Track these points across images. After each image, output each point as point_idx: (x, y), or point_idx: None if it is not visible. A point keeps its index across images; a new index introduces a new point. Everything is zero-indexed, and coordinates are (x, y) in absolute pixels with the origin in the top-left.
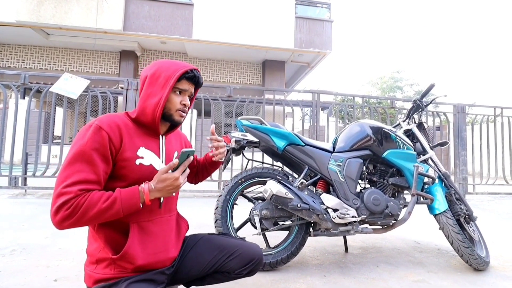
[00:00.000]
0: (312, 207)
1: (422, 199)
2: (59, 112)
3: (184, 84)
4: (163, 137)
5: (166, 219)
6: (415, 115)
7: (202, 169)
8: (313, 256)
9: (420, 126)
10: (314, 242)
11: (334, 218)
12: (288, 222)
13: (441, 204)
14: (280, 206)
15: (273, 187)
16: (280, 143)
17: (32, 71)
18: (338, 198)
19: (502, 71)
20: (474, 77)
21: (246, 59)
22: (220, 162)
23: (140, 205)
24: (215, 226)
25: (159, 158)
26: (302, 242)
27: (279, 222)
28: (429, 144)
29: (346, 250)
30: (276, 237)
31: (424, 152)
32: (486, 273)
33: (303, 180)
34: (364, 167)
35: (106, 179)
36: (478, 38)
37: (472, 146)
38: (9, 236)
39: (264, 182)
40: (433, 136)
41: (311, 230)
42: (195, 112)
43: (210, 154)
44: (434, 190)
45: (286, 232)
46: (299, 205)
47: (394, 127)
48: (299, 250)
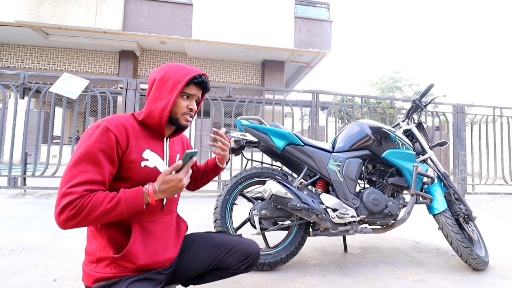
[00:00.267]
0: (311, 207)
1: (421, 199)
2: (59, 112)
3: (192, 89)
4: (167, 140)
5: (167, 220)
6: (415, 115)
7: (202, 174)
8: (312, 256)
9: (419, 126)
10: (313, 242)
11: (333, 218)
12: (287, 222)
13: (440, 204)
14: (279, 206)
15: (272, 187)
16: (279, 143)
17: (31, 71)
18: (338, 198)
19: (501, 71)
20: (473, 77)
21: (245, 59)
22: (221, 168)
23: (144, 206)
24: (215, 226)
25: (163, 160)
26: (302, 242)
27: (279, 222)
28: (428, 144)
29: (346, 250)
30: (275, 237)
31: (423, 152)
32: (485, 273)
33: (303, 180)
34: (363, 167)
35: (111, 180)
36: (477, 38)
37: (471, 146)
38: (8, 236)
39: (263, 182)
40: (432, 136)
41: (311, 230)
42: None
43: (213, 151)
44: (433, 190)
45: (286, 232)
46: (299, 205)
47: (394, 127)
48: (299, 250)
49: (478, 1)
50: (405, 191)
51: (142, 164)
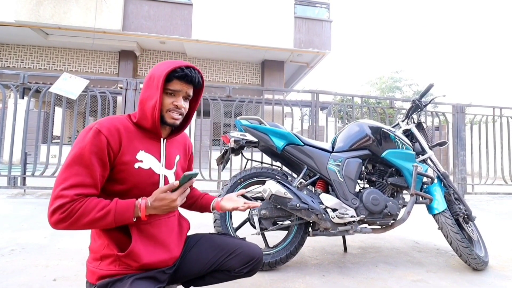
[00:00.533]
0: (311, 207)
1: (421, 199)
2: (58, 112)
3: (175, 84)
4: (164, 140)
5: (165, 221)
6: (414, 115)
7: (191, 199)
8: (312, 256)
9: (419, 126)
10: (313, 242)
11: (333, 218)
12: (287, 222)
13: (440, 204)
14: (279, 206)
15: (272, 187)
16: (279, 143)
17: (31, 71)
18: (337, 198)
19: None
20: (473, 77)
21: (245, 59)
22: (209, 212)
23: (133, 219)
24: (214, 226)
25: (160, 161)
26: (301, 242)
27: (278, 222)
28: (428, 144)
29: (345, 250)
30: (275, 236)
31: (423, 152)
32: (484, 272)
33: (302, 180)
34: (363, 167)
35: (103, 182)
36: (477, 38)
37: (471, 146)
38: (8, 235)
39: (263, 182)
40: (432, 136)
41: (310, 230)
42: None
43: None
44: (433, 190)
45: (285, 232)
46: (298, 204)
47: (393, 127)
48: (298, 250)
49: (478, 1)
50: (404, 191)
51: (136, 165)
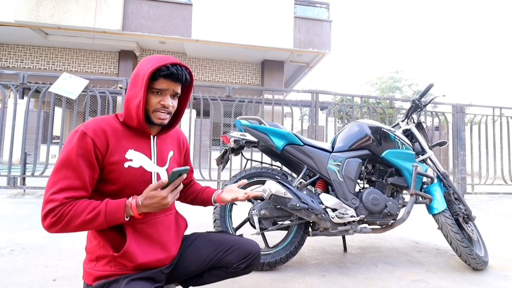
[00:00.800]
0: (311, 207)
1: (421, 199)
2: (58, 112)
3: (161, 83)
4: (155, 137)
5: (162, 219)
6: (414, 115)
7: (192, 194)
8: (312, 255)
9: (419, 126)
10: (313, 242)
11: (333, 218)
12: (287, 222)
13: (439, 203)
14: (279, 206)
15: (272, 187)
16: (279, 143)
17: (30, 71)
18: (337, 197)
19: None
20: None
21: (245, 59)
22: (211, 204)
23: (124, 219)
24: (214, 226)
25: (151, 159)
26: (301, 241)
27: (278, 222)
28: (427, 144)
29: (345, 249)
30: (275, 236)
31: (423, 152)
32: (484, 272)
33: (302, 180)
34: (363, 167)
35: (93, 184)
36: (476, 38)
37: (471, 146)
38: (8, 235)
39: (263, 182)
40: (432, 136)
41: (310, 229)
42: (194, 112)
43: (225, 197)
44: (433, 189)
45: (285, 231)
46: (298, 204)
47: (393, 127)
48: (298, 250)
49: (478, 1)
50: (404, 191)
51: (126, 165)
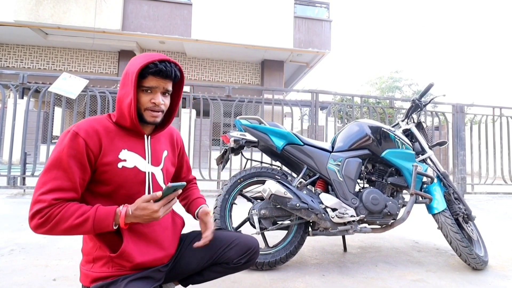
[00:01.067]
0: (311, 207)
1: (420, 199)
2: (58, 112)
3: (150, 81)
4: (149, 137)
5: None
6: (414, 115)
7: (184, 200)
8: (312, 255)
9: (419, 125)
10: (313, 242)
11: (333, 218)
12: (287, 222)
13: (439, 203)
14: (279, 206)
15: (272, 187)
16: (279, 143)
17: (30, 71)
18: (337, 197)
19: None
20: (473, 77)
21: (245, 59)
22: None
23: (113, 227)
24: (214, 226)
25: (145, 159)
26: (301, 241)
27: (278, 222)
28: (427, 143)
29: (345, 249)
30: (275, 236)
31: (422, 151)
32: (484, 272)
33: (302, 179)
34: (363, 167)
35: (84, 186)
36: (476, 37)
37: (471, 146)
38: (7, 235)
39: (263, 182)
40: (432, 135)
41: (310, 229)
42: (194, 112)
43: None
44: (433, 189)
45: (285, 231)
46: (298, 204)
47: (393, 127)
48: (298, 250)
49: (478, 1)
50: (404, 191)
51: (119, 165)
